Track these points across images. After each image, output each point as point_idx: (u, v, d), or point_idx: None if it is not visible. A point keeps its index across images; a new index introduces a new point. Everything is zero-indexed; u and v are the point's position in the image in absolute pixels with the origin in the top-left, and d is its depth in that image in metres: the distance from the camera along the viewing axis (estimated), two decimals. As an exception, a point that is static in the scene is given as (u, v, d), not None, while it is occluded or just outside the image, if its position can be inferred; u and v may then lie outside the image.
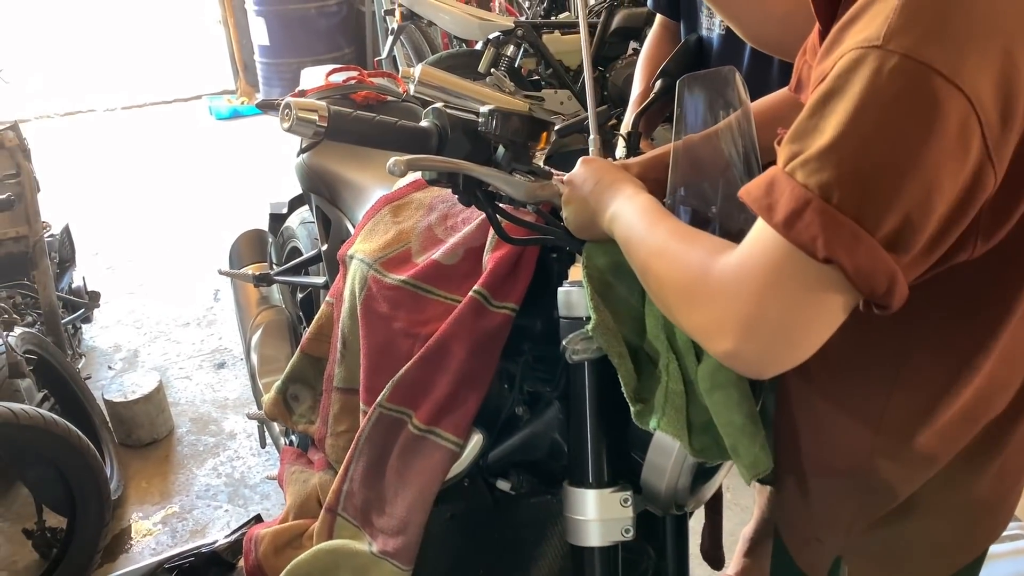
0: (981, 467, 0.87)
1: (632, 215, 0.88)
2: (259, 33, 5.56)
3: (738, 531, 1.99)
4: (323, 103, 0.92)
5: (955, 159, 0.62)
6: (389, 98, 1.84)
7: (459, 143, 0.98)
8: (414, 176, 1.42)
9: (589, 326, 0.97)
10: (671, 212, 1.06)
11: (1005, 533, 1.95)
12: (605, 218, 0.92)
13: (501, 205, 1.05)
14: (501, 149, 1.00)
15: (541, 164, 1.06)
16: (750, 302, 0.70)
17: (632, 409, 0.96)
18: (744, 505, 2.21)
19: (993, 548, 1.95)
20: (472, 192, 1.00)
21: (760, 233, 0.70)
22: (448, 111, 0.99)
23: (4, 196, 2.30)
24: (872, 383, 0.85)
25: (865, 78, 0.62)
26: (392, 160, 0.87)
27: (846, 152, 0.63)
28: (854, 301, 0.69)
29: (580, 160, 1.00)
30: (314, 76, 1.96)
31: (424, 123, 0.99)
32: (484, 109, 0.98)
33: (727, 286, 0.72)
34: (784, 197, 0.66)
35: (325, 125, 0.91)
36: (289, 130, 0.90)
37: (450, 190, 1.02)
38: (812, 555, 0.96)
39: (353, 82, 1.87)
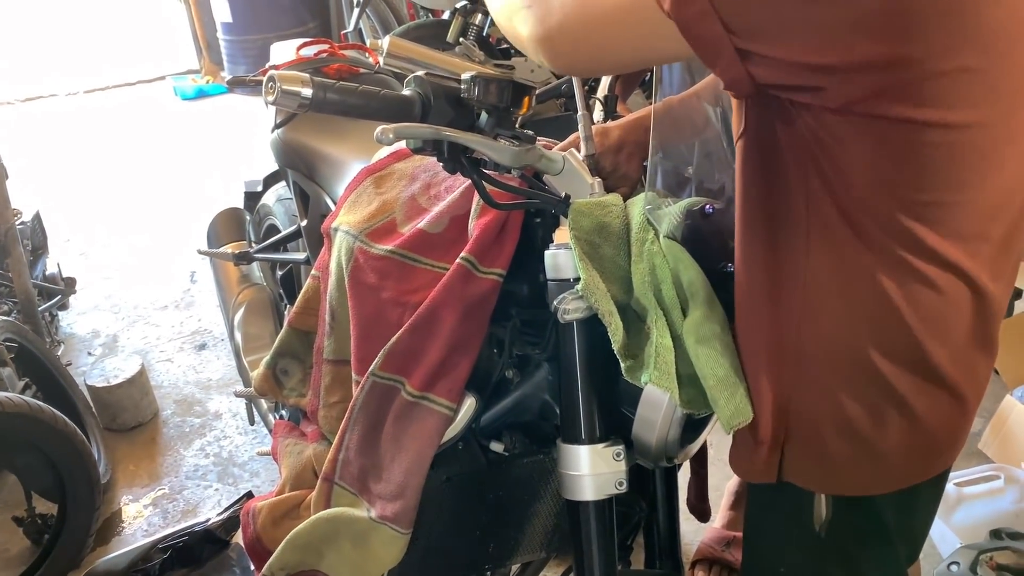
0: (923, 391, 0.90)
1: None
2: (221, 9, 5.44)
3: (722, 486, 2.04)
4: (307, 75, 0.92)
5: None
6: (362, 70, 1.83)
7: (442, 110, 0.99)
8: (396, 146, 1.43)
9: (579, 286, 1.00)
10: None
11: (979, 475, 2.03)
12: None
13: (486, 171, 1.06)
14: (484, 115, 1.01)
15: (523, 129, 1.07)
16: (592, 31, 0.82)
17: (623, 365, 0.98)
18: (728, 461, 2.25)
19: (969, 490, 2.02)
20: (457, 159, 1.01)
21: None
22: (430, 79, 0.99)
23: (-27, 183, 2.26)
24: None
25: None
26: (379, 129, 0.88)
27: None
28: (685, 55, 0.78)
29: None
30: (284, 51, 1.94)
31: (407, 91, 0.99)
32: (466, 76, 0.98)
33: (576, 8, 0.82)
34: None
35: (310, 97, 0.92)
36: (274, 103, 0.90)
37: (434, 158, 1.03)
38: (755, 457, 1.00)
39: (325, 55, 1.86)
